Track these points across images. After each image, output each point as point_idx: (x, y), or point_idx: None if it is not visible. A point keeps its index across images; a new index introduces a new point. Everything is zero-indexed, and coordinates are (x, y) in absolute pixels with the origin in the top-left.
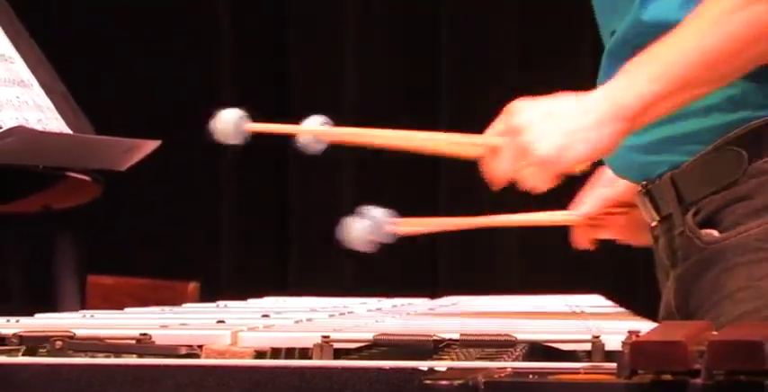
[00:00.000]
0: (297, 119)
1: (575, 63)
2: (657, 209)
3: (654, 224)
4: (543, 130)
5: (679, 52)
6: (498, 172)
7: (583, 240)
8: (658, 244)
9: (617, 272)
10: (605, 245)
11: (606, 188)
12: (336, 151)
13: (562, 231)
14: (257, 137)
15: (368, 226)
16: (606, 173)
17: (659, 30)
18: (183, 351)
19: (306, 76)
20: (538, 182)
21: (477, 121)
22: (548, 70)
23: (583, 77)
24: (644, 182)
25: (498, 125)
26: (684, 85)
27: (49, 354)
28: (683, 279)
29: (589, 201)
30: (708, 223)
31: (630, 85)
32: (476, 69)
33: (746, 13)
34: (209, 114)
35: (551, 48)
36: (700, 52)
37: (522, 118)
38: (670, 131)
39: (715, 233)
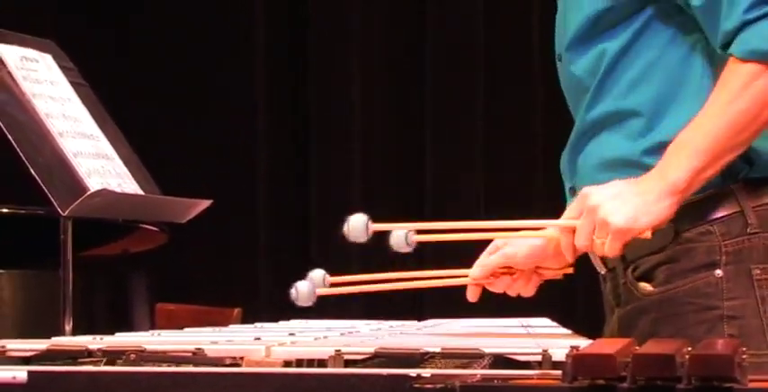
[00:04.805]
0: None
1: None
2: (605, 263)
3: (603, 272)
4: (615, 207)
5: (705, 134)
6: (579, 244)
7: (474, 295)
8: (606, 286)
9: (562, 300)
10: (554, 282)
11: (494, 255)
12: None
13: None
14: (286, 198)
15: (309, 286)
16: (495, 242)
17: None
18: (228, 361)
19: (323, 118)
20: (612, 250)
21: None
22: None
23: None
24: None
25: (573, 209)
26: (715, 157)
27: (126, 364)
28: (625, 319)
29: (479, 267)
30: (643, 277)
31: (676, 165)
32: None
33: (751, 89)
34: (247, 176)
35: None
36: (722, 129)
37: (595, 200)
38: None
39: (649, 287)
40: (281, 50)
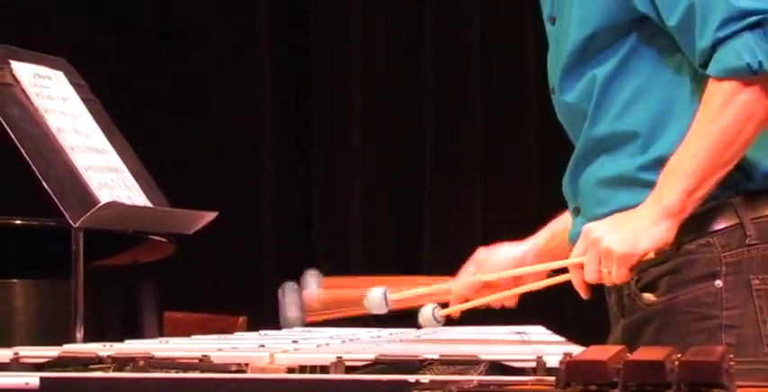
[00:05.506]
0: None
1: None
2: None
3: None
4: (615, 236)
5: (692, 156)
6: (589, 278)
7: (455, 305)
8: (611, 297)
9: (555, 308)
10: (548, 291)
11: (473, 270)
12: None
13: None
14: (289, 210)
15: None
16: (478, 256)
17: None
18: (234, 367)
19: (324, 121)
20: (619, 277)
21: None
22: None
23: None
24: None
25: (579, 246)
26: (705, 177)
27: (135, 370)
28: (630, 329)
29: (460, 280)
30: (646, 288)
31: (668, 190)
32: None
33: (731, 107)
34: (251, 182)
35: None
36: (708, 149)
37: (596, 233)
38: None
39: (652, 297)
40: (282, 51)
